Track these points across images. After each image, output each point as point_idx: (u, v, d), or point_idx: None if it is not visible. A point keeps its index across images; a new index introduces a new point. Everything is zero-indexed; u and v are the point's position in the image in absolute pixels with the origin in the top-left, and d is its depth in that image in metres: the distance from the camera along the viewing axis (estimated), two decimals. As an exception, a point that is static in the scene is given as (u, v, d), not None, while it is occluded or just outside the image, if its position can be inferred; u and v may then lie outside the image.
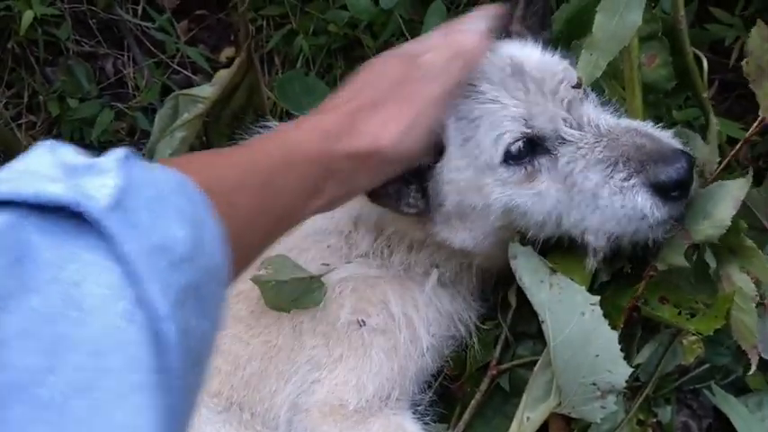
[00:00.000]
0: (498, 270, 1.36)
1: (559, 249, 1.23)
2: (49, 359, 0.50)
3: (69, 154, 0.61)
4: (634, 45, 1.22)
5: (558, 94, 1.17)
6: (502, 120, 1.15)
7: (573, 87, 1.23)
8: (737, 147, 1.31)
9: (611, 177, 1.12)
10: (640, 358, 1.25)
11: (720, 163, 1.28)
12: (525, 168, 1.16)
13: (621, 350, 1.13)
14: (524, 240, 1.23)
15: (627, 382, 1.16)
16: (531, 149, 1.16)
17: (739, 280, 1.20)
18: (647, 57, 1.29)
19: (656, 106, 1.34)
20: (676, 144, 1.16)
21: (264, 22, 2.09)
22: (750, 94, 1.92)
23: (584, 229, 1.17)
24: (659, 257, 1.20)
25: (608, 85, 1.38)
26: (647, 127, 1.18)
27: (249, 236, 0.81)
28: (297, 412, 1.30)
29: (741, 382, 1.33)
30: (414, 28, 1.91)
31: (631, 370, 1.13)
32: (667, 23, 1.28)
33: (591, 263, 1.20)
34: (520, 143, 1.15)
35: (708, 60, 1.59)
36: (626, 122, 1.19)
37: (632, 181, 1.11)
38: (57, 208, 0.55)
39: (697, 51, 1.31)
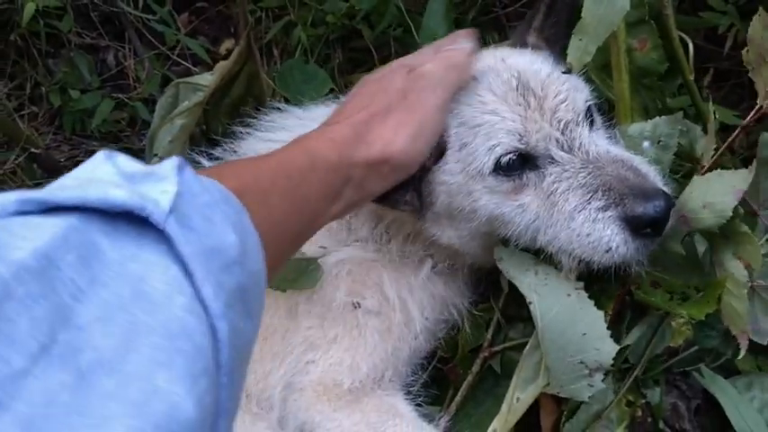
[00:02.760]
0: (488, 268, 1.39)
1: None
2: (129, 341, 0.53)
3: (126, 161, 0.65)
4: (621, 30, 1.23)
5: (556, 113, 1.20)
6: (498, 131, 1.18)
7: (563, 73, 1.25)
8: (735, 134, 1.32)
9: (589, 204, 1.15)
10: (629, 339, 1.26)
11: (717, 150, 1.29)
12: (513, 181, 1.20)
13: (609, 329, 1.15)
14: (507, 243, 1.26)
15: (615, 363, 1.19)
16: (521, 164, 1.19)
17: (731, 266, 1.22)
18: (639, 41, 1.30)
19: (651, 89, 1.36)
20: (660, 183, 1.18)
21: (263, 14, 2.11)
22: (746, 82, 1.95)
23: (557, 248, 1.20)
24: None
25: (597, 76, 1.39)
26: (636, 160, 1.20)
27: (281, 238, 0.85)
28: (291, 392, 1.32)
29: (730, 365, 1.33)
30: (412, 18, 1.93)
31: (618, 347, 1.15)
32: (654, 9, 1.29)
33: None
34: (511, 156, 1.18)
35: (703, 49, 1.60)
36: (615, 152, 1.20)
37: (608, 213, 1.14)
38: (118, 212, 0.59)
39: (683, 35, 1.32)
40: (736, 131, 1.29)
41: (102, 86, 2.18)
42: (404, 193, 1.24)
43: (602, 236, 1.14)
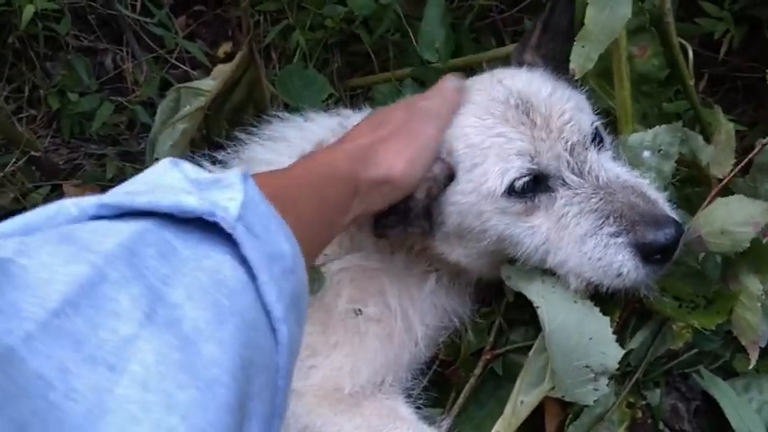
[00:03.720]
0: (493, 282, 1.40)
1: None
2: (216, 315, 0.58)
3: (192, 169, 0.70)
4: (622, 37, 1.25)
5: (563, 134, 1.21)
6: (508, 153, 1.20)
7: (568, 78, 1.26)
8: (756, 150, 1.33)
9: (601, 229, 1.17)
10: (633, 344, 1.28)
11: (736, 165, 1.31)
12: (525, 202, 1.21)
13: (614, 335, 1.17)
14: (514, 263, 1.28)
15: (618, 365, 1.20)
16: (534, 185, 1.21)
17: (747, 280, 1.24)
18: (639, 48, 1.32)
19: (651, 96, 1.38)
20: (669, 210, 1.20)
21: (262, 18, 2.11)
22: (739, 87, 1.99)
23: (566, 270, 1.21)
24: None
25: (597, 83, 1.41)
26: (645, 186, 1.22)
27: (307, 246, 0.87)
28: (292, 397, 1.33)
29: (729, 367, 1.35)
30: (410, 24, 1.94)
31: (623, 351, 1.17)
32: (654, 16, 1.31)
33: None
34: (525, 179, 1.20)
35: (698, 55, 1.62)
36: (624, 176, 1.22)
37: (619, 239, 1.16)
38: (188, 217, 0.63)
39: (683, 41, 1.34)
40: (757, 149, 1.31)
41: (100, 89, 2.17)
42: (408, 226, 1.26)
43: (614, 261, 1.16)
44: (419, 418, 1.35)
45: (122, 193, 0.64)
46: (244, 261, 0.64)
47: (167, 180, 0.68)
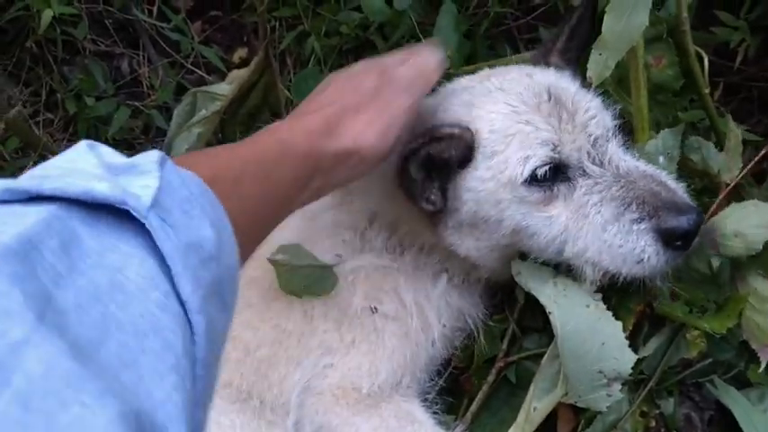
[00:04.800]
0: (503, 282, 1.41)
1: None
2: (100, 333, 0.54)
3: (109, 153, 0.66)
4: (639, 46, 1.26)
5: (587, 128, 1.23)
6: (533, 141, 1.20)
7: (583, 87, 1.27)
8: (761, 154, 1.35)
9: (623, 216, 1.18)
10: (646, 351, 1.28)
11: (742, 170, 1.31)
12: (544, 192, 1.22)
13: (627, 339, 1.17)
14: (525, 257, 1.29)
15: (632, 374, 1.20)
16: (554, 175, 1.21)
17: (756, 282, 1.25)
18: (654, 58, 1.33)
19: (666, 105, 1.39)
20: (688, 199, 1.21)
21: (277, 23, 2.13)
22: (755, 96, 1.98)
23: (584, 260, 1.22)
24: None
25: (615, 91, 1.42)
26: (663, 175, 1.23)
27: (252, 226, 0.86)
28: (309, 395, 1.33)
29: (743, 377, 1.35)
30: (424, 30, 1.95)
31: (636, 357, 1.17)
32: (671, 25, 1.31)
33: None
34: (546, 168, 1.20)
35: (713, 63, 1.63)
36: (644, 167, 1.24)
37: (642, 225, 1.16)
38: (99, 204, 0.59)
39: (698, 49, 1.35)
40: (762, 152, 1.31)
41: (116, 94, 2.19)
42: (430, 186, 1.25)
43: (635, 247, 1.16)
44: (435, 422, 1.36)
45: (31, 177, 0.60)
46: (157, 252, 0.61)
47: (81, 164, 0.64)
